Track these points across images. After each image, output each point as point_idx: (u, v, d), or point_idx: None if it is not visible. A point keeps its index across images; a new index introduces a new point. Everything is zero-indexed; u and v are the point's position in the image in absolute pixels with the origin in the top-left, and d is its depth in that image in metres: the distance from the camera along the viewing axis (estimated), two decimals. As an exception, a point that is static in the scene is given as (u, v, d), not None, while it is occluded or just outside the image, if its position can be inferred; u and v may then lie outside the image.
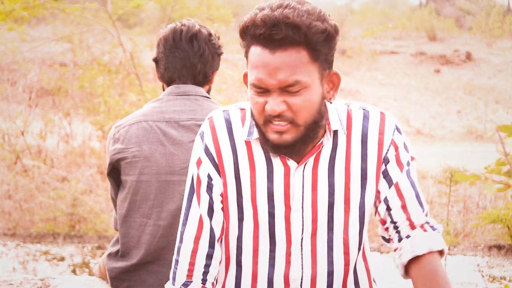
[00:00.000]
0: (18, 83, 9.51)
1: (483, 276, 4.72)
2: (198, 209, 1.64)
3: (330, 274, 1.65)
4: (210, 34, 2.28)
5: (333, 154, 1.61)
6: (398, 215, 1.62)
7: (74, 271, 5.64)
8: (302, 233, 1.63)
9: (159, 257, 2.19)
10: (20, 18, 6.67)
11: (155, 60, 2.33)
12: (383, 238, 1.72)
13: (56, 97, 9.00)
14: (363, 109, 1.64)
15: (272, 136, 1.53)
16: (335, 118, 1.60)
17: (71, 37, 8.53)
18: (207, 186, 1.64)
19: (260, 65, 1.48)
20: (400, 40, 19.72)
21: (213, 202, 1.64)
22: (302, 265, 1.65)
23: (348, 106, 1.65)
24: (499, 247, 6.11)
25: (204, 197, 1.64)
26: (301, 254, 1.64)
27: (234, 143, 1.63)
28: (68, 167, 7.69)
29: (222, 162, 1.63)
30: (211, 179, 1.64)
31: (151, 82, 8.05)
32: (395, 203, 1.62)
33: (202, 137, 1.67)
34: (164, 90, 2.35)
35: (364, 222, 1.66)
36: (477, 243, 6.21)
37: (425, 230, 1.60)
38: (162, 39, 2.28)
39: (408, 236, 1.60)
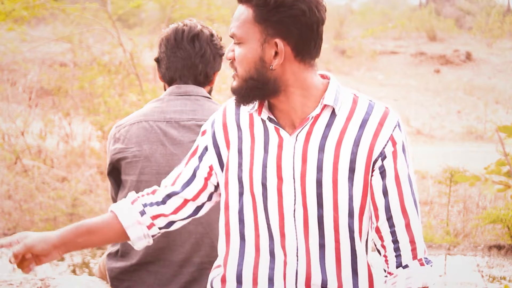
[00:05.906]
0: (18, 83, 9.51)
1: (483, 276, 4.74)
2: (184, 168, 1.78)
3: (322, 247, 1.67)
4: (212, 35, 2.28)
5: (327, 131, 1.63)
6: (401, 235, 1.63)
7: (74, 271, 5.64)
8: (295, 204, 1.65)
9: (159, 257, 2.19)
10: (20, 18, 6.67)
11: (157, 60, 2.33)
12: (375, 244, 1.71)
13: (56, 97, 9.00)
14: (369, 100, 1.68)
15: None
16: (331, 94, 1.63)
17: (71, 37, 8.53)
18: (200, 154, 1.76)
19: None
20: (400, 40, 19.73)
21: (198, 169, 1.75)
22: (296, 236, 1.67)
23: (354, 94, 1.68)
24: (499, 247, 6.12)
25: (194, 162, 1.77)
26: (295, 225, 1.66)
27: (239, 118, 1.72)
28: (68, 167, 7.69)
29: (227, 136, 1.72)
30: (206, 150, 1.75)
31: (151, 82, 8.05)
32: (398, 221, 1.63)
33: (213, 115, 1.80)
34: (165, 90, 2.35)
35: (354, 215, 1.65)
36: (477, 243, 6.22)
37: (422, 264, 1.64)
38: (164, 39, 2.28)
39: (406, 266, 1.63)
